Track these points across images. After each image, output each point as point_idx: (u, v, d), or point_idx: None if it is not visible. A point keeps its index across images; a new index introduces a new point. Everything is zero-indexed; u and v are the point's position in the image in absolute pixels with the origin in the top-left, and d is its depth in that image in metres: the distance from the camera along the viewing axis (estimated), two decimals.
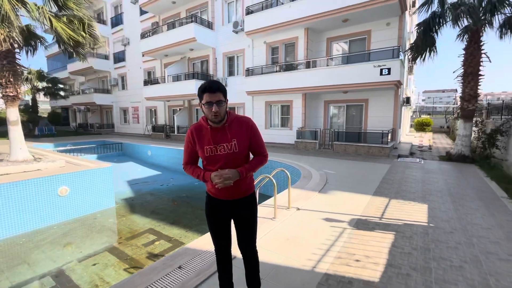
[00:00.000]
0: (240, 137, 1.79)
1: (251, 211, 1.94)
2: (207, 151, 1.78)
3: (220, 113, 1.71)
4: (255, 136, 1.86)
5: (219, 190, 1.81)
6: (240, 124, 1.83)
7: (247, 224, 1.94)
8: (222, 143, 1.77)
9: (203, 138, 1.80)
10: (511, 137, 7.52)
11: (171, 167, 12.29)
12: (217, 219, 1.93)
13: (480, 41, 8.46)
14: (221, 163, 1.77)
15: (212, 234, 1.97)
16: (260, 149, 1.88)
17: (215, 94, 1.67)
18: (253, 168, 1.82)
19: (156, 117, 20.40)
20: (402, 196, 5.22)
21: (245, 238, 1.96)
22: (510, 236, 3.49)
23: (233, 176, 1.71)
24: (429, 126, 24.09)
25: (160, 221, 6.40)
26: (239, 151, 1.77)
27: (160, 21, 18.15)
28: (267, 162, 1.91)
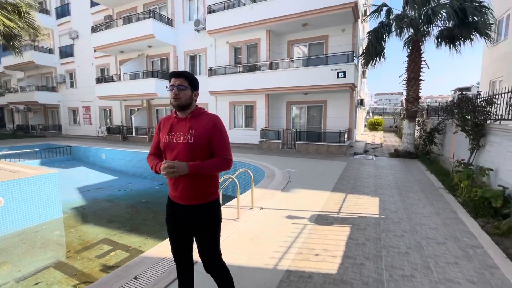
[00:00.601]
0: (198, 129, 1.71)
1: (207, 220, 1.76)
2: (165, 139, 1.75)
3: (180, 97, 1.69)
4: (217, 135, 1.73)
5: (173, 190, 1.75)
6: (204, 118, 1.77)
7: (204, 237, 1.78)
8: (179, 131, 1.73)
9: (167, 127, 1.78)
10: (446, 135, 8.57)
11: (129, 171, 11.53)
12: (174, 224, 1.82)
13: (420, 50, 9.48)
14: (175, 152, 1.70)
15: (170, 240, 1.87)
16: (221, 151, 1.73)
17: (178, 79, 1.70)
18: (208, 167, 1.66)
19: (111, 118, 18.94)
20: (358, 191, 5.60)
21: (203, 250, 1.81)
22: (446, 222, 3.95)
23: (180, 168, 1.57)
24: (381, 125, 26.33)
25: (116, 229, 5.95)
26: (193, 142, 1.68)
27: (114, 15, 16.92)
28: (229, 168, 1.74)
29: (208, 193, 1.76)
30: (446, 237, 3.45)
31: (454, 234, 3.52)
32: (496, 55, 11.80)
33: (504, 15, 11.18)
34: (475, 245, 3.22)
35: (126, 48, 15.76)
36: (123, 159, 11.89)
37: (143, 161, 11.10)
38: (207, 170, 1.67)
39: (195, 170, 1.63)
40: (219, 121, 1.78)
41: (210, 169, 1.68)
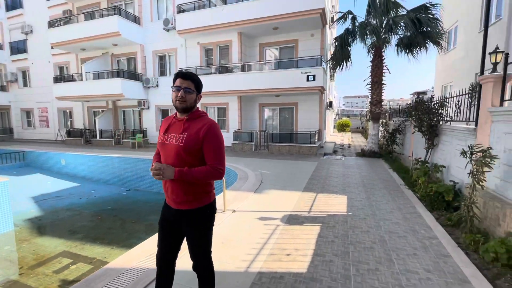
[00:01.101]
0: (191, 132, 1.64)
1: (197, 225, 1.72)
2: (161, 138, 1.75)
3: (186, 100, 1.66)
4: (210, 141, 1.64)
5: (165, 192, 1.74)
6: (200, 122, 1.69)
7: (194, 242, 1.76)
8: (174, 132, 1.70)
9: (165, 126, 1.78)
10: (406, 135, 9.23)
11: (93, 177, 10.78)
12: (163, 226, 1.81)
13: (382, 56, 10.14)
14: (167, 153, 1.69)
15: (158, 242, 1.84)
16: (212, 160, 1.63)
17: (186, 81, 1.68)
18: (195, 176, 1.59)
19: (72, 120, 17.60)
20: (327, 190, 5.80)
21: (194, 252, 1.79)
22: (406, 216, 4.25)
23: (166, 172, 1.56)
24: (348, 127, 27.64)
25: (78, 240, 5.53)
26: (183, 145, 1.61)
27: (75, 10, 15.80)
28: (220, 178, 1.67)
29: (199, 198, 1.70)
30: (406, 230, 3.71)
31: (413, 227, 3.80)
32: (447, 63, 13.02)
33: (452, 26, 12.40)
34: (431, 237, 3.50)
35: (88, 45, 14.77)
36: (86, 164, 11.09)
37: (109, 166, 10.46)
38: (194, 179, 1.61)
39: (181, 177, 1.58)
40: (215, 127, 1.67)
41: (197, 177, 1.61)
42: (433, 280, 2.56)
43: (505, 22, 8.16)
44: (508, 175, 3.31)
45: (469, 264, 2.83)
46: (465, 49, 10.95)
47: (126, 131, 15.09)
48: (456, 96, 5.31)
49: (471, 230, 3.41)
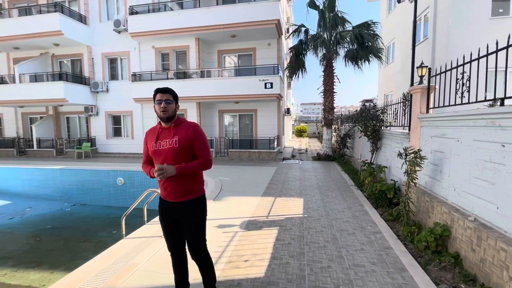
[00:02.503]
0: (181, 135, 1.96)
1: (194, 214, 2.02)
2: (152, 146, 1.99)
3: (167, 110, 1.94)
4: (198, 139, 2.00)
5: (164, 190, 1.99)
6: (185, 125, 2.03)
7: (192, 228, 2.03)
8: (165, 139, 1.97)
9: (153, 136, 2.03)
10: (355, 140, 10.04)
11: (29, 193, 9.47)
12: (166, 221, 2.06)
13: (332, 66, 10.96)
14: (162, 157, 1.94)
15: (164, 236, 2.11)
16: (202, 153, 2.03)
17: (165, 94, 1.97)
18: (192, 168, 1.94)
19: (2, 128, 15.30)
20: (285, 193, 5.99)
21: (192, 241, 2.05)
22: (355, 214, 4.60)
23: (169, 170, 1.84)
24: (306, 132, 29.05)
25: (8, 267, 4.79)
26: (178, 146, 1.92)
27: (6, 3, 13.96)
28: (210, 167, 2.06)
29: (194, 190, 2.04)
30: (355, 227, 4.01)
31: (361, 224, 4.13)
32: (387, 74, 14.61)
33: (391, 42, 14.01)
34: (376, 231, 3.84)
35: (23, 44, 13.10)
36: (20, 178, 9.69)
37: (49, 180, 9.30)
38: (192, 170, 1.95)
39: (182, 171, 1.89)
40: (199, 128, 2.07)
41: (194, 169, 1.96)
42: (377, 271, 2.80)
43: (430, 42, 9.51)
44: (434, 173, 3.83)
45: (406, 253, 3.18)
46: (401, 62, 12.43)
47: (70, 140, 13.62)
48: (393, 104, 5.98)
49: (408, 223, 3.84)
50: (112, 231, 6.55)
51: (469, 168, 2.98)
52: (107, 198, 8.63)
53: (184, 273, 2.19)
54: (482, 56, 2.93)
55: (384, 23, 13.97)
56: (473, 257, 2.67)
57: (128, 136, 13.82)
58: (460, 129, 3.18)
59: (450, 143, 3.41)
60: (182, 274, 2.18)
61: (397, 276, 2.70)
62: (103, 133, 13.86)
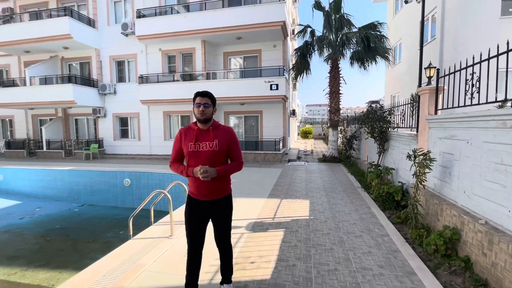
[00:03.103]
0: (221, 139, 2.10)
1: (227, 210, 2.22)
2: (191, 147, 2.07)
3: (205, 113, 2.07)
4: (234, 143, 2.17)
5: (199, 190, 2.10)
6: (223, 129, 2.17)
7: (223, 223, 2.22)
8: (205, 141, 2.08)
9: (189, 136, 2.11)
10: (362, 141, 9.95)
11: (38, 193, 9.65)
12: (195, 219, 2.15)
13: (338, 67, 10.90)
14: (202, 159, 2.05)
15: (188, 235, 2.18)
16: (236, 155, 2.19)
17: (204, 98, 2.09)
18: (229, 170, 2.11)
19: (13, 130, 15.65)
20: (291, 195, 5.97)
21: (222, 235, 2.25)
22: (362, 216, 4.55)
23: (211, 173, 1.97)
24: (311, 134, 28.92)
25: (18, 267, 4.88)
26: (219, 149, 2.07)
27: (17, 8, 14.31)
28: (241, 169, 2.21)
29: (225, 189, 2.20)
30: (362, 230, 3.97)
31: (368, 227, 4.08)
32: (394, 75, 14.46)
33: (397, 43, 13.87)
34: (383, 234, 3.79)
35: (33, 47, 13.40)
36: (30, 179, 9.89)
37: (58, 180, 9.47)
38: (228, 173, 2.13)
39: (221, 174, 2.05)
40: (234, 132, 2.24)
41: (230, 171, 2.13)
42: (385, 275, 2.76)
43: (438, 41, 9.39)
44: (443, 175, 3.76)
45: (415, 257, 3.13)
46: (408, 63, 12.29)
47: (79, 141, 13.84)
48: (400, 106, 5.91)
49: (416, 226, 3.78)
50: (119, 231, 6.63)
51: (479, 170, 2.92)
52: (114, 198, 8.73)
53: (197, 274, 2.26)
54: (492, 56, 2.88)
55: (390, 24, 13.86)
56: (484, 261, 2.62)
57: (135, 137, 13.97)
58: (470, 131, 3.13)
59: (460, 144, 3.36)
60: (195, 275, 2.25)
61: (406, 280, 2.66)
62: (110, 135, 14.05)
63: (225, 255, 2.32)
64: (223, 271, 2.39)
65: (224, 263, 2.35)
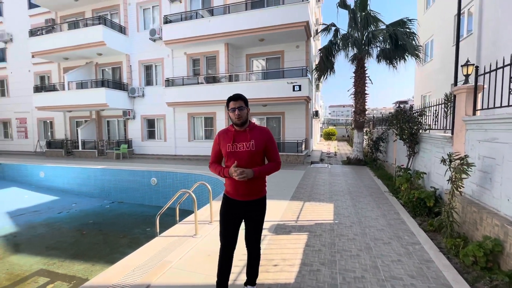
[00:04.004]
0: (257, 139, 2.11)
1: (261, 212, 2.25)
2: (229, 147, 2.11)
3: (241, 116, 2.08)
4: (271, 143, 2.18)
5: (235, 190, 2.13)
6: (259, 130, 2.18)
7: (256, 224, 2.23)
8: (242, 142, 2.10)
9: (227, 138, 2.15)
10: (389, 143, 9.52)
11: (74, 190, 10.37)
12: (230, 218, 2.19)
13: (364, 67, 10.54)
14: (238, 158, 2.07)
15: (221, 234, 2.24)
16: (274, 156, 2.20)
17: (237, 102, 2.10)
18: (267, 171, 2.12)
19: (53, 131, 16.98)
20: (314, 198, 5.85)
21: (253, 237, 2.26)
22: (390, 223, 4.34)
23: (248, 174, 2.00)
24: (334, 135, 28.20)
25: (56, 257, 5.26)
26: (255, 150, 2.09)
27: (58, 19, 15.53)
28: (279, 169, 2.21)
29: (261, 190, 2.24)
30: (390, 237, 3.78)
31: (398, 234, 3.88)
32: (425, 73, 13.69)
33: (429, 40, 13.12)
34: (414, 242, 3.58)
35: (71, 55, 14.47)
36: (67, 176, 10.67)
37: (91, 178, 10.11)
38: (266, 173, 2.13)
39: (258, 175, 2.07)
40: (270, 132, 2.23)
41: (267, 172, 2.14)
42: (417, 286, 2.60)
43: (475, 37, 8.73)
44: (482, 181, 3.47)
45: (451, 268, 2.91)
46: (441, 61, 11.57)
47: (110, 142, 14.69)
48: (433, 106, 5.56)
49: (452, 235, 3.53)
50: (146, 228, 6.91)
51: None
52: (141, 196, 9.14)
53: (228, 273, 2.28)
54: None
55: (421, 20, 13.13)
56: None
57: (161, 138, 14.53)
58: None
59: (503, 148, 3.08)
60: (226, 274, 2.28)
61: None
62: (138, 136, 14.74)
63: (254, 257, 2.33)
64: (249, 273, 2.39)
65: (251, 264, 2.35)
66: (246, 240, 2.30)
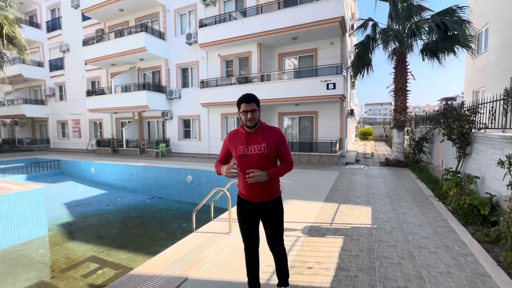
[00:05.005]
0: (269, 141, 2.05)
1: (278, 212, 2.17)
2: (240, 150, 2.07)
3: (254, 119, 2.02)
4: (282, 144, 2.10)
5: (248, 192, 2.09)
6: (271, 131, 2.11)
7: (273, 225, 2.17)
8: (253, 144, 2.05)
9: (237, 140, 2.10)
10: (435, 144, 8.75)
11: (119, 185, 11.27)
12: (247, 220, 2.17)
13: (405, 62, 9.81)
14: (250, 161, 2.03)
15: (242, 235, 2.23)
16: (286, 156, 2.13)
17: (250, 104, 2.01)
18: (280, 172, 2.06)
19: (102, 131, 18.69)
20: (350, 201, 5.61)
21: (273, 237, 2.19)
22: (437, 230, 3.98)
23: (263, 176, 1.94)
24: (371, 135, 26.75)
25: (105, 246, 5.75)
26: (267, 152, 2.03)
27: (106, 28, 17.02)
28: (292, 169, 2.15)
29: (276, 191, 2.16)
30: (437, 246, 3.47)
31: (446, 243, 3.54)
32: (478, 66, 12.31)
33: (483, 28, 11.76)
34: (466, 253, 3.24)
35: (117, 61, 15.77)
36: (113, 172, 11.64)
37: (134, 175, 10.90)
38: (280, 175, 2.07)
39: (273, 176, 2.02)
40: (282, 133, 2.16)
41: (281, 173, 2.07)
42: None
43: None
44: None
45: (511, 285, 2.58)
46: (498, 51, 10.30)
47: (150, 141, 15.73)
48: (489, 102, 4.97)
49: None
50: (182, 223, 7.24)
51: None
52: (178, 193, 9.60)
53: (256, 272, 2.29)
54: None
55: (473, 7, 11.83)
56: None
57: (196, 138, 15.15)
58: None
59: None
60: (254, 274, 2.28)
61: None
62: (175, 135, 15.55)
63: (279, 258, 2.28)
64: (278, 273, 2.36)
65: (278, 265, 2.31)
66: (267, 242, 2.25)
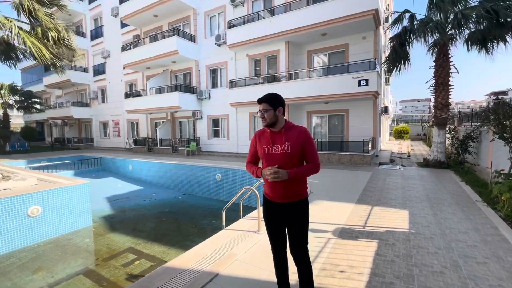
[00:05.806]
0: (293, 140, 2.02)
1: (301, 215, 2.08)
2: (264, 150, 2.09)
3: (266, 118, 2.05)
4: (308, 144, 2.04)
5: (272, 191, 2.07)
6: (296, 131, 2.07)
7: (297, 228, 2.08)
8: (277, 143, 2.05)
9: (263, 139, 2.13)
10: (482, 143, 7.96)
11: (154, 181, 11.93)
12: (272, 220, 2.14)
13: (448, 54, 9.04)
14: (275, 161, 2.02)
15: (268, 235, 2.21)
16: (311, 157, 2.06)
17: (261, 104, 2.07)
18: (302, 173, 2.00)
19: (138, 130, 19.92)
20: (384, 203, 5.32)
21: (295, 241, 2.09)
22: (486, 239, 3.61)
23: (282, 175, 1.93)
24: (407, 134, 25.11)
25: (141, 239, 6.13)
26: (291, 152, 2.00)
27: (142, 34, 18.07)
28: (318, 172, 2.07)
29: (299, 193, 2.09)
30: (487, 255, 3.15)
31: (497, 253, 3.20)
32: None
33: None
34: None
35: (152, 64, 16.67)
36: (148, 169, 12.35)
37: (167, 172, 11.45)
38: (302, 175, 2.02)
39: (293, 176, 1.97)
40: (308, 133, 2.10)
41: (304, 174, 2.02)
42: None
43: None
44: None
45: None
46: None
47: (182, 140, 16.41)
48: None
49: None
50: (211, 220, 7.45)
51: None
52: (208, 190, 9.89)
53: (285, 272, 2.26)
54: None
55: None
56: None
57: (224, 137, 15.48)
58: None
59: None
60: (284, 275, 2.26)
61: None
62: (205, 134, 16.03)
63: (303, 265, 2.09)
64: (301, 284, 2.13)
65: (302, 275, 2.10)
66: (289, 247, 2.12)
